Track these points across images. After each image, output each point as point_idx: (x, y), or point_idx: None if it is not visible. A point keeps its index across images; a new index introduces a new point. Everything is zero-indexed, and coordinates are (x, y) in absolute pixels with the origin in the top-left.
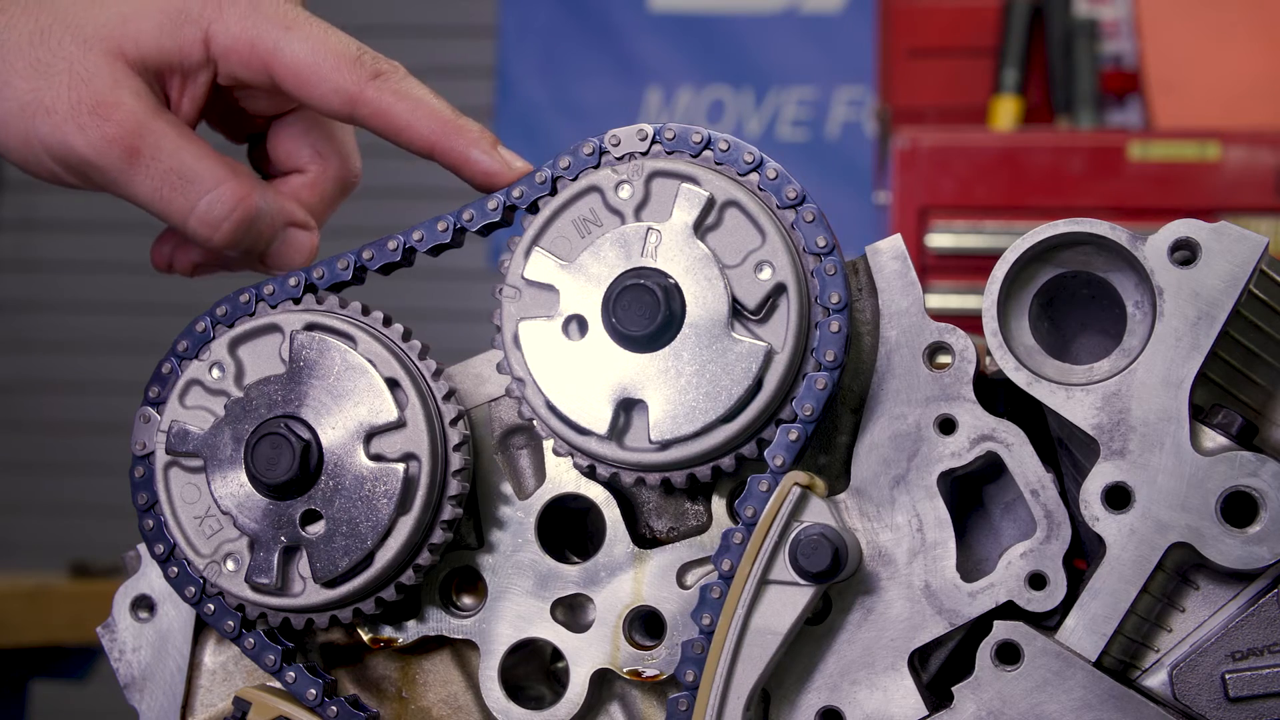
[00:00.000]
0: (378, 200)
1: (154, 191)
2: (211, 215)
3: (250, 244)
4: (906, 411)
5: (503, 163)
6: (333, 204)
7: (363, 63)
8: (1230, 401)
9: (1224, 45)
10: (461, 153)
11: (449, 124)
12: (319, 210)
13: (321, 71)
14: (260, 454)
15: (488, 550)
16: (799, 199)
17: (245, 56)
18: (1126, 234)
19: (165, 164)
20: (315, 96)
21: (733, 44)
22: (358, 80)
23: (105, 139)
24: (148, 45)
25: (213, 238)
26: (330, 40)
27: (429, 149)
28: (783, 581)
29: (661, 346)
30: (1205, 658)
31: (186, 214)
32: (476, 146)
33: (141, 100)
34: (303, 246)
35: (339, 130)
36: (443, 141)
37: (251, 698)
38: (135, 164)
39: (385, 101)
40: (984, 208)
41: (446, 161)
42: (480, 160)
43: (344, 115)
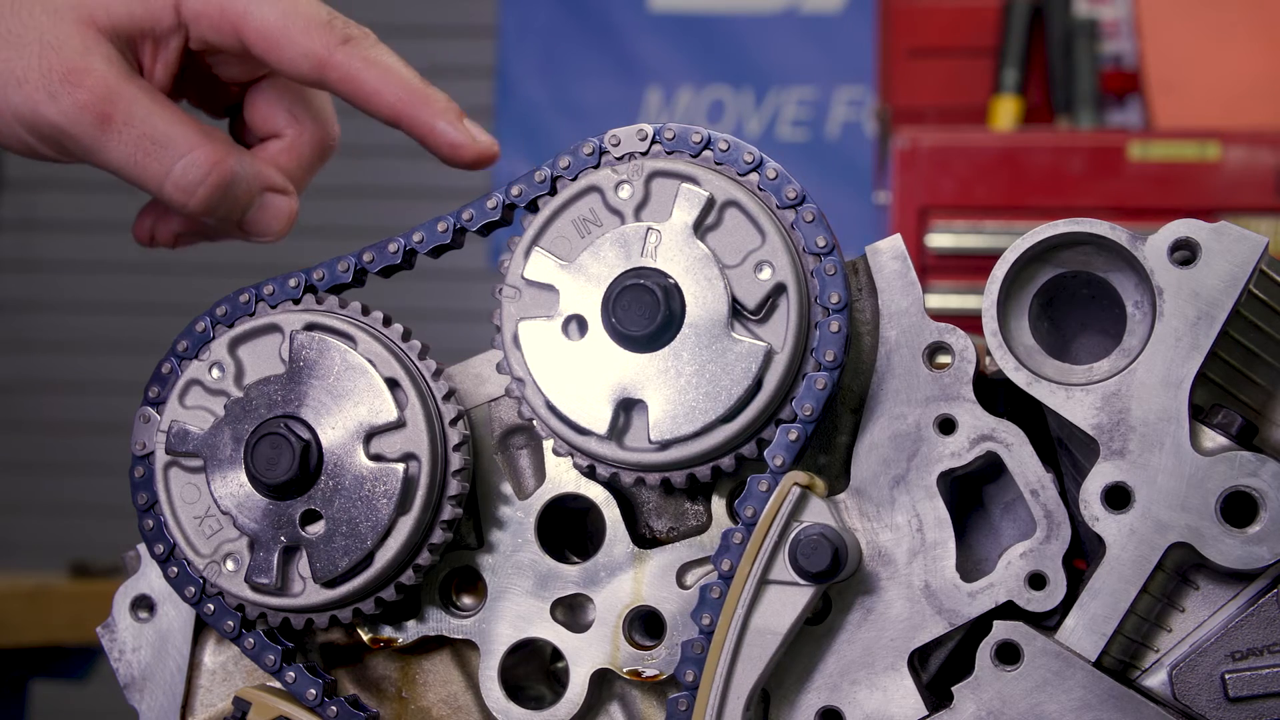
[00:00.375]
0: (378, 200)
1: (128, 158)
2: (187, 180)
3: (228, 209)
4: (906, 411)
5: (468, 135)
6: (311, 168)
7: (333, 27)
8: (1230, 401)
9: (1224, 45)
10: (427, 123)
11: (417, 93)
12: (297, 175)
13: (291, 35)
14: (260, 454)
15: (488, 550)
16: (799, 199)
17: (215, 21)
18: (1126, 234)
19: (138, 129)
20: (284, 60)
21: (733, 44)
22: (327, 45)
23: (77, 106)
24: (118, 12)
25: (189, 203)
26: (300, 4)
27: (395, 117)
28: (782, 581)
29: (661, 346)
30: (1205, 658)
31: (161, 179)
32: (443, 118)
33: (113, 66)
34: (281, 211)
35: (315, 95)
36: (409, 110)
37: (251, 698)
38: (108, 130)
39: (354, 67)
40: (984, 208)
41: (412, 131)
42: (446, 131)
43: (313, 80)
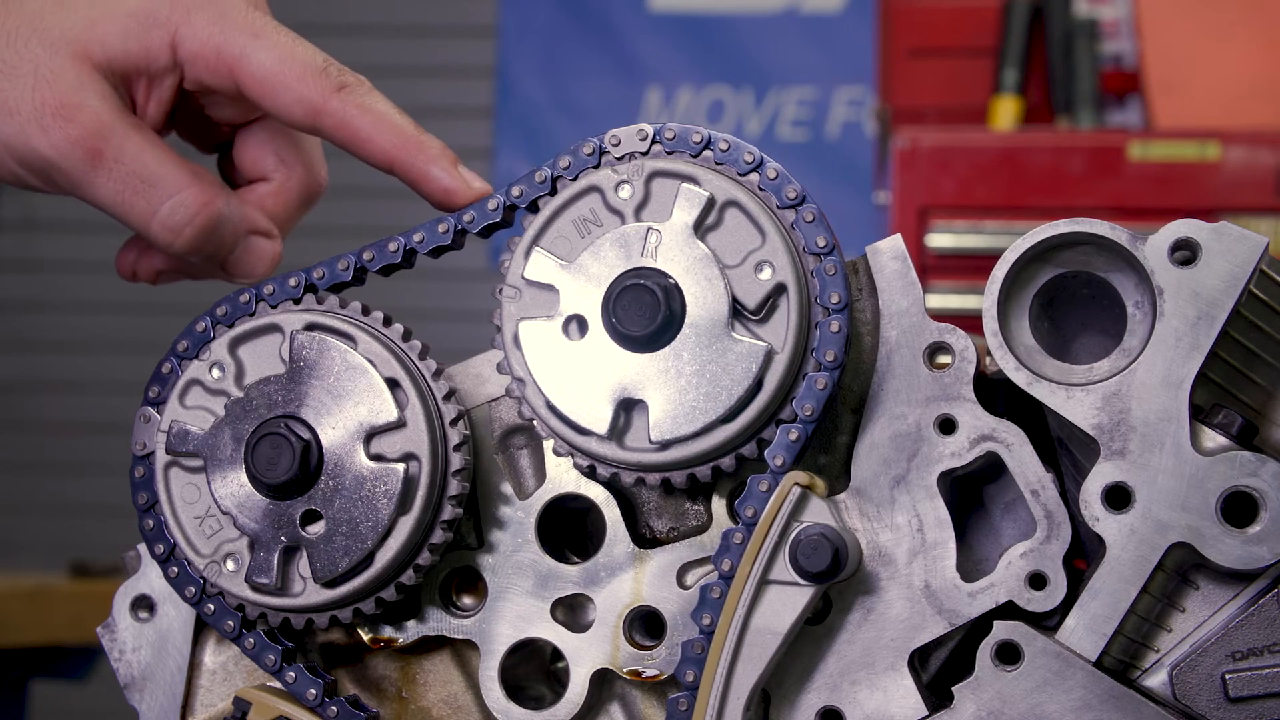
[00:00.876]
0: (378, 200)
1: (116, 194)
2: (174, 220)
3: (213, 250)
4: (906, 411)
5: (462, 182)
6: (298, 213)
7: (328, 74)
8: (1230, 401)
9: (1224, 45)
10: (421, 169)
11: (411, 140)
12: (283, 219)
13: (286, 81)
14: (260, 454)
15: (488, 550)
16: (799, 199)
17: (212, 62)
18: (1126, 234)
19: (128, 167)
20: (279, 105)
21: (733, 44)
22: (322, 91)
23: (68, 140)
24: (114, 48)
25: (174, 243)
26: (297, 50)
27: (389, 163)
28: (783, 581)
29: (661, 346)
30: (1205, 658)
31: (149, 218)
32: (436, 164)
33: (106, 103)
34: (265, 254)
35: (305, 139)
36: (403, 157)
37: (251, 698)
38: (98, 166)
39: (348, 114)
40: (984, 208)
41: (406, 177)
42: (440, 178)
43: (307, 126)
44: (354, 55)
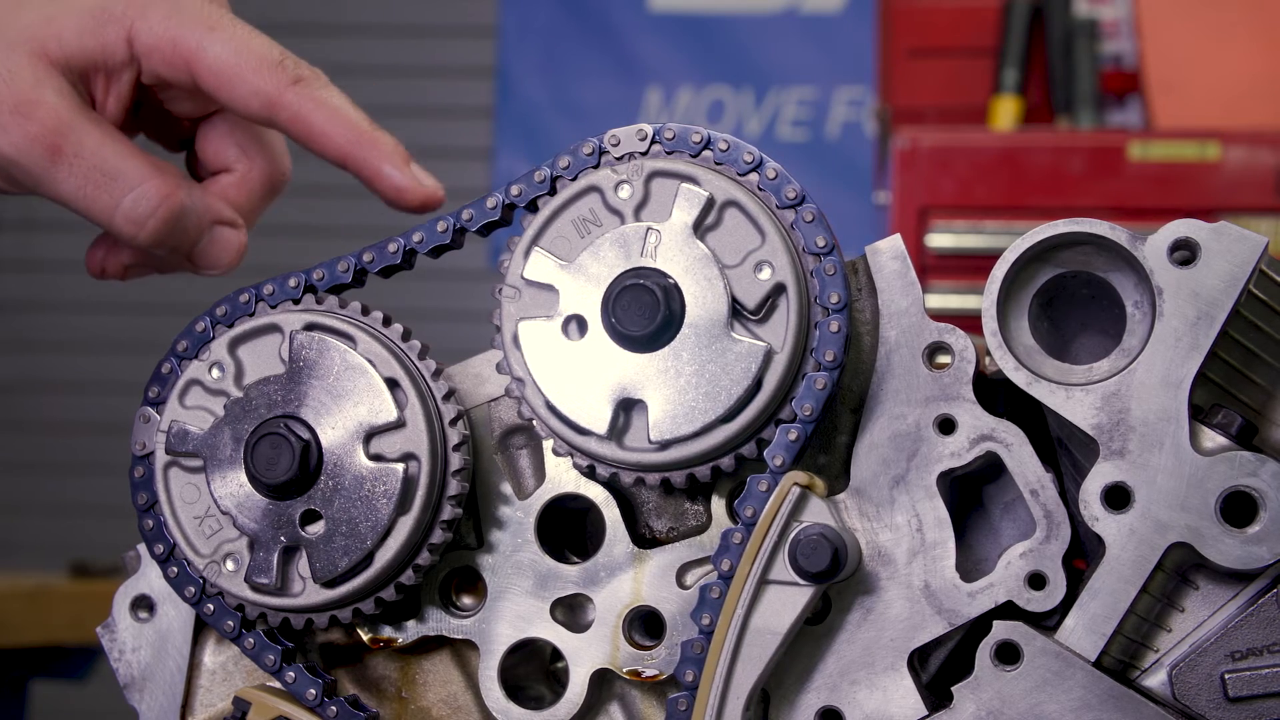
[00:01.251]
0: (378, 200)
1: (78, 190)
2: (136, 212)
3: (177, 242)
4: (906, 411)
5: (413, 180)
6: (262, 203)
7: (284, 67)
8: (1230, 401)
9: (1224, 45)
10: (374, 165)
11: (364, 135)
12: (248, 209)
13: (242, 73)
14: (260, 454)
15: (487, 550)
16: (798, 199)
17: (168, 56)
18: (1126, 234)
19: (88, 161)
20: (235, 98)
21: (733, 44)
22: (278, 84)
23: (27, 137)
24: (71, 44)
25: (138, 235)
26: (253, 43)
27: (343, 158)
28: (782, 581)
29: (661, 346)
30: (1205, 658)
31: (111, 212)
32: (389, 161)
33: (65, 99)
34: (230, 244)
35: (268, 131)
36: (357, 152)
37: (251, 698)
38: (58, 162)
39: (303, 107)
40: (984, 208)
41: (359, 173)
42: (391, 175)
43: (262, 118)
44: (354, 55)
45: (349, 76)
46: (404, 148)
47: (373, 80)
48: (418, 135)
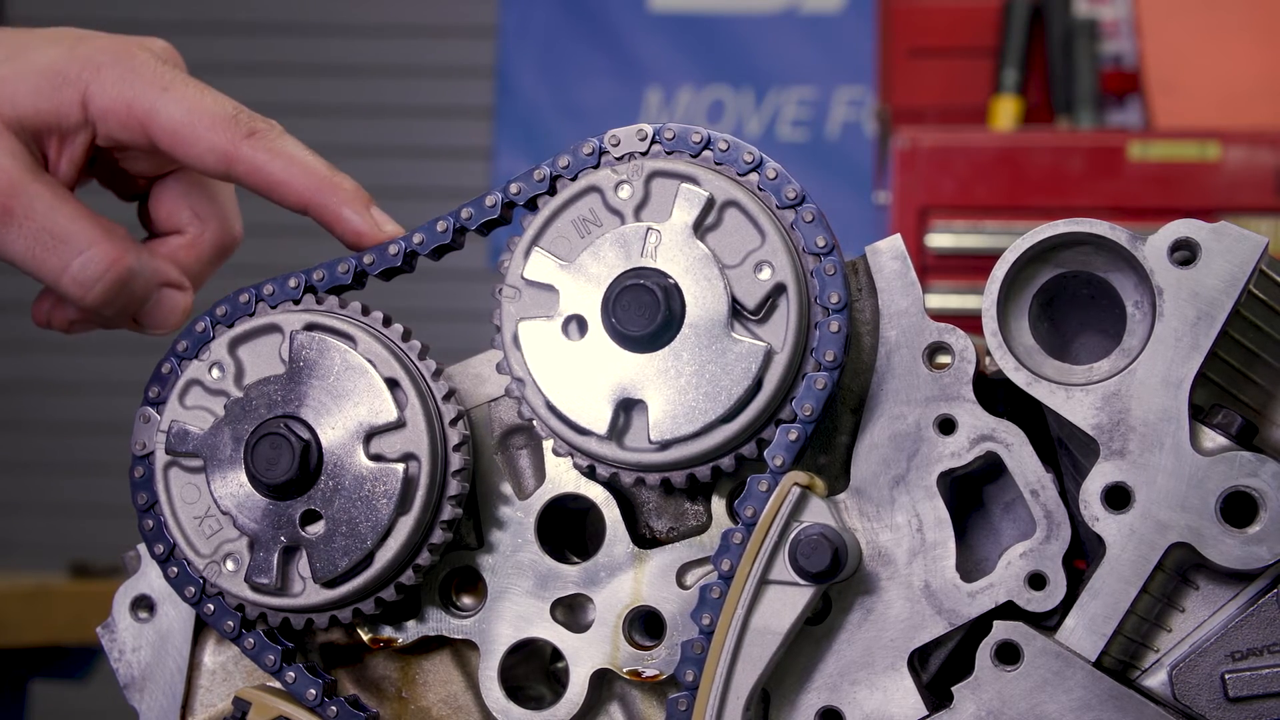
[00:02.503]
0: (378, 200)
1: (27, 251)
2: (84, 276)
3: (124, 304)
4: (906, 411)
5: (373, 224)
6: (211, 266)
7: (238, 121)
8: (1230, 401)
9: (1224, 45)
10: (334, 210)
11: (324, 181)
12: (196, 271)
13: (197, 131)
14: (260, 454)
15: (487, 550)
16: (798, 199)
17: (123, 118)
18: (1126, 234)
19: (39, 224)
20: (192, 155)
21: (733, 44)
22: (233, 139)
23: None
24: (25, 106)
25: (85, 298)
26: (206, 100)
27: (303, 205)
28: (782, 581)
29: (661, 346)
30: (1205, 658)
31: (59, 274)
32: (349, 206)
33: (17, 160)
34: (176, 306)
35: (220, 193)
36: (317, 198)
37: (251, 698)
38: (9, 223)
39: (260, 159)
40: (984, 208)
41: (320, 218)
42: (352, 220)
43: (220, 173)
44: (354, 55)
45: (349, 76)
46: (364, 191)
47: (373, 80)
48: (418, 135)
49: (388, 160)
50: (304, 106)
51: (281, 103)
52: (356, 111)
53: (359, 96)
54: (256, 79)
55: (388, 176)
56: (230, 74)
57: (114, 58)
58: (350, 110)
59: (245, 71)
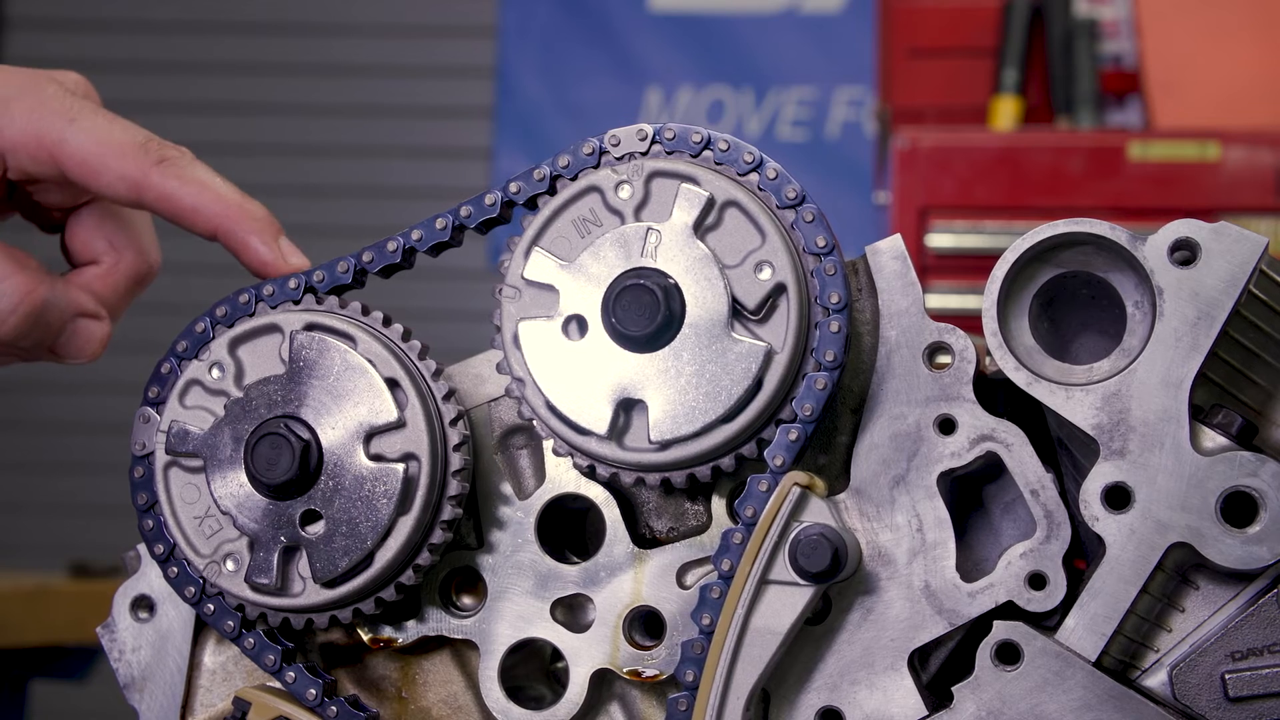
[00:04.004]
0: (378, 200)
1: None
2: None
3: (39, 336)
4: (906, 411)
5: (279, 255)
6: (128, 295)
7: (148, 149)
8: (1230, 401)
9: (1224, 45)
10: (242, 239)
11: (234, 208)
12: (113, 301)
13: (106, 160)
14: (260, 454)
15: (487, 550)
16: (799, 199)
17: (33, 150)
18: (1126, 234)
19: None
20: (102, 185)
21: (733, 44)
22: (142, 166)
23: None
24: None
25: (0, 331)
26: (115, 130)
27: (213, 232)
28: (782, 581)
29: (661, 346)
30: (1205, 658)
31: None
32: (257, 235)
33: None
34: (93, 336)
35: (136, 223)
36: (226, 225)
37: (251, 698)
38: None
39: (170, 186)
40: (984, 208)
41: (228, 245)
42: (258, 249)
43: (131, 201)
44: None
45: (349, 76)
46: (276, 220)
47: (373, 80)
48: (418, 135)
49: (388, 160)
50: (304, 106)
51: (282, 103)
52: (356, 111)
53: (359, 96)
54: (257, 79)
55: (388, 176)
56: (230, 74)
57: (21, 91)
58: (350, 110)
59: (245, 71)
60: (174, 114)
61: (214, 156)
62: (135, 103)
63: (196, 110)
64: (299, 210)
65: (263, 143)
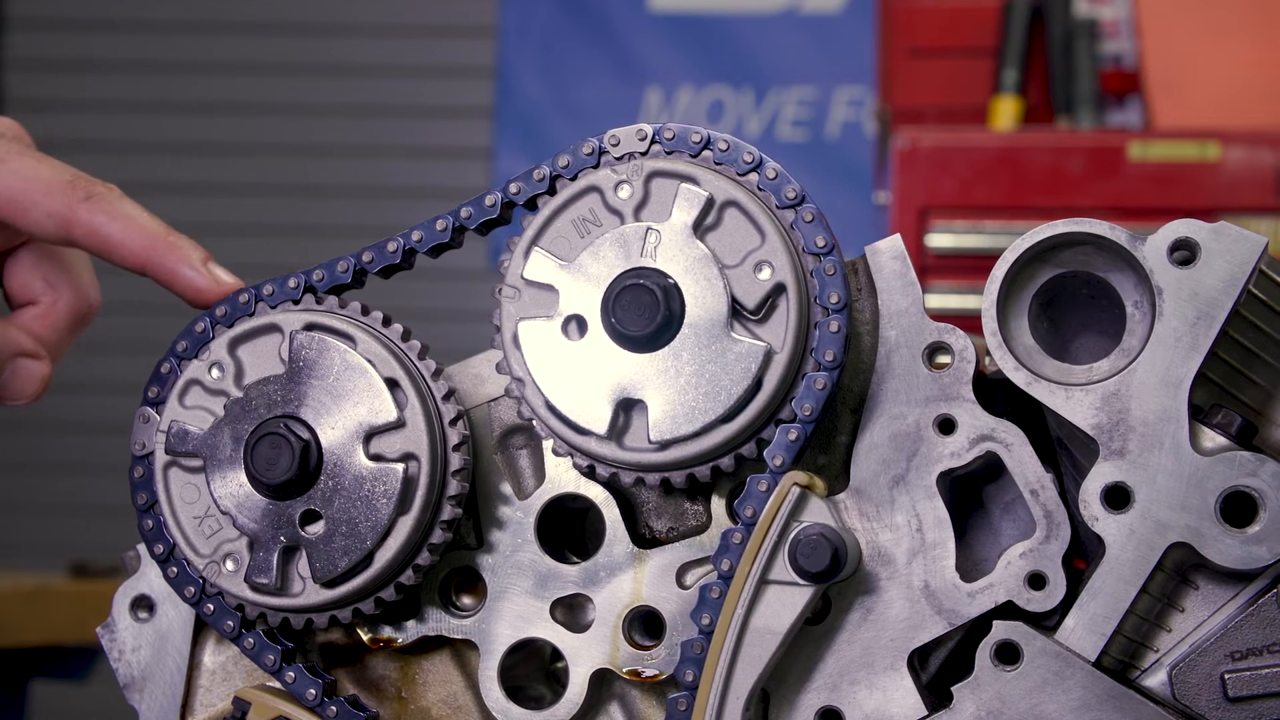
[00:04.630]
0: (378, 200)
1: None
2: None
3: None
4: (906, 411)
5: (211, 279)
6: (68, 334)
7: (75, 186)
8: (1230, 401)
9: (1224, 45)
10: (172, 269)
11: (160, 241)
12: (53, 340)
13: (33, 198)
14: (260, 454)
15: (487, 550)
16: (798, 199)
17: None
18: (1126, 234)
19: None
20: (30, 222)
21: (733, 44)
22: (69, 203)
23: None
24: None
25: None
26: (42, 169)
27: (141, 265)
28: (782, 581)
29: (661, 346)
30: (1204, 658)
31: None
32: (186, 263)
33: None
34: (33, 375)
35: (74, 262)
36: (154, 258)
37: (251, 698)
38: None
39: (97, 221)
40: (984, 208)
41: (159, 278)
42: (190, 277)
43: (60, 239)
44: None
45: (349, 76)
46: (202, 248)
47: (373, 80)
48: (418, 135)
49: (388, 160)
50: (304, 106)
51: (282, 103)
52: (356, 111)
53: (359, 96)
54: (257, 79)
55: (388, 176)
56: (230, 74)
57: None
58: (350, 110)
59: (245, 71)
60: (174, 114)
61: (214, 156)
62: (135, 103)
63: (196, 110)
64: (299, 210)
65: (263, 143)
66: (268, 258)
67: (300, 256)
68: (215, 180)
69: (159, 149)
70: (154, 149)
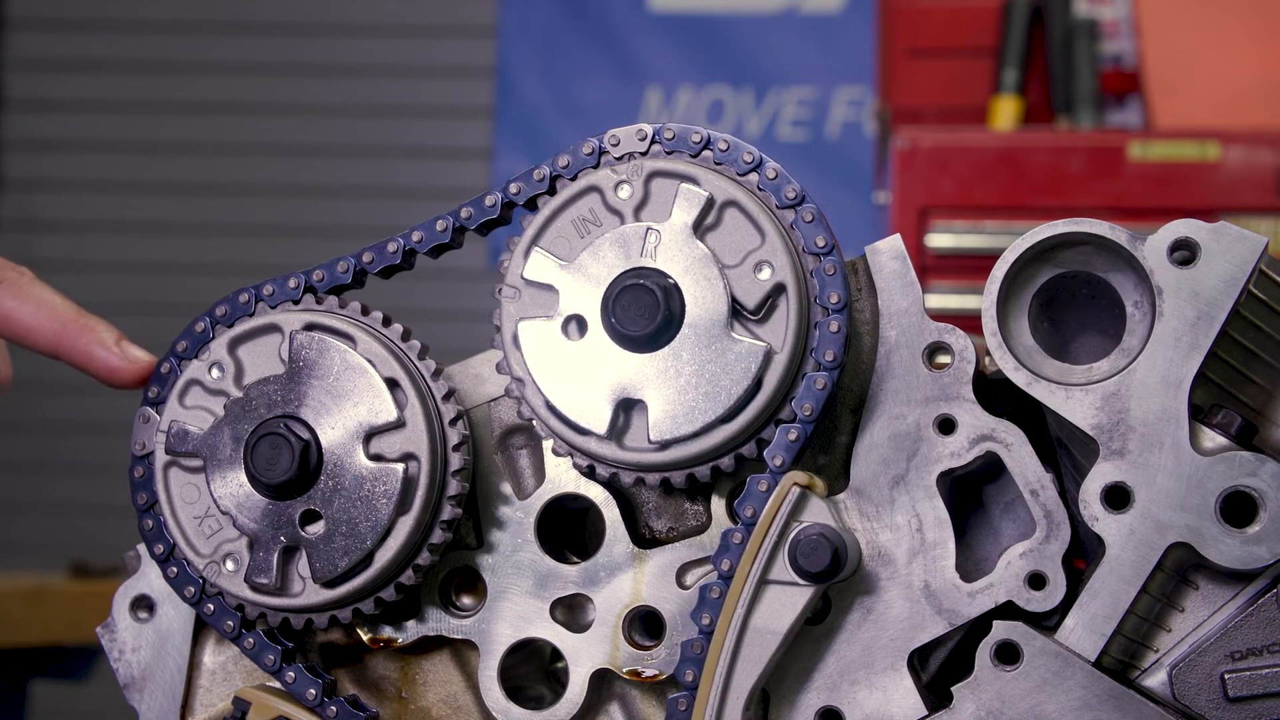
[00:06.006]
0: (378, 200)
1: None
2: None
3: None
4: (906, 411)
5: (124, 358)
6: None
7: None
8: (1230, 401)
9: (1224, 45)
10: (84, 350)
11: (72, 323)
12: None
13: None
14: (260, 454)
15: (487, 550)
16: (798, 199)
17: None
18: (1126, 234)
19: None
20: None
21: (733, 44)
22: None
23: None
24: None
25: None
26: None
27: (53, 348)
28: (782, 581)
29: (661, 346)
30: (1204, 658)
31: None
32: (99, 344)
33: None
34: None
35: None
36: (66, 340)
37: (251, 698)
38: None
39: (7, 306)
40: (984, 208)
41: (71, 359)
42: (103, 357)
43: None
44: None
45: (349, 76)
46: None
47: (373, 80)
48: (418, 135)
49: (388, 160)
50: (304, 106)
51: (282, 103)
52: (356, 111)
53: (358, 96)
54: (256, 79)
55: (388, 176)
56: (230, 74)
57: None
58: (350, 110)
59: (245, 71)
60: (174, 114)
61: (214, 156)
62: (135, 103)
63: (196, 110)
64: (299, 210)
65: (263, 143)
66: (268, 258)
67: (300, 256)
68: (214, 180)
69: (158, 149)
70: (153, 149)
